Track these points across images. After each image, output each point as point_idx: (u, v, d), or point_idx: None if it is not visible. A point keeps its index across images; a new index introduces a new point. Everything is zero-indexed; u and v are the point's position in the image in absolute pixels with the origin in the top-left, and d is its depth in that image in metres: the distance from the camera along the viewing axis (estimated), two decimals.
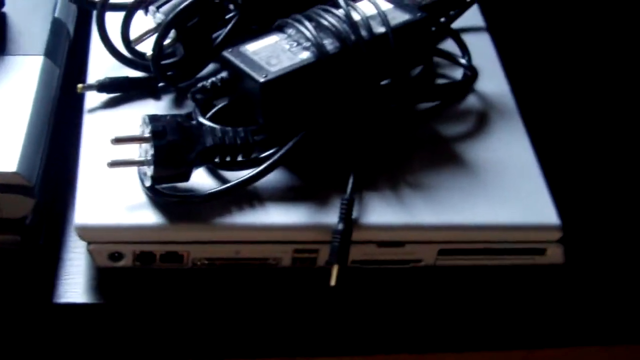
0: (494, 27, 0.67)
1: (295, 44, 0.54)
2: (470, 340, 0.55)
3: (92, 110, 0.56)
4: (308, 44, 0.53)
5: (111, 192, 0.51)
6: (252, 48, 0.54)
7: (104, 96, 0.57)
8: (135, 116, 0.52)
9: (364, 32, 0.53)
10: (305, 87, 0.53)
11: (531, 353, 0.56)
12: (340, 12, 0.54)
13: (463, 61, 0.62)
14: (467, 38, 0.63)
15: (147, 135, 0.50)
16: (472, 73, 0.61)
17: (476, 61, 0.62)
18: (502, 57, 0.64)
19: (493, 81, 0.62)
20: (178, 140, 0.50)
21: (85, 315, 0.52)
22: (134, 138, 0.51)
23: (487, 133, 0.59)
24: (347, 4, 0.54)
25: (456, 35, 0.63)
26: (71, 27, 0.62)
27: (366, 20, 0.54)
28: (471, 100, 0.61)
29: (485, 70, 0.62)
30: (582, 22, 0.75)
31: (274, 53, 0.53)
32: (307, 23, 0.54)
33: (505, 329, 0.55)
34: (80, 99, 0.57)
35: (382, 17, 0.54)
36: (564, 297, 0.56)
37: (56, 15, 0.60)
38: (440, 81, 0.62)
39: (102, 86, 0.56)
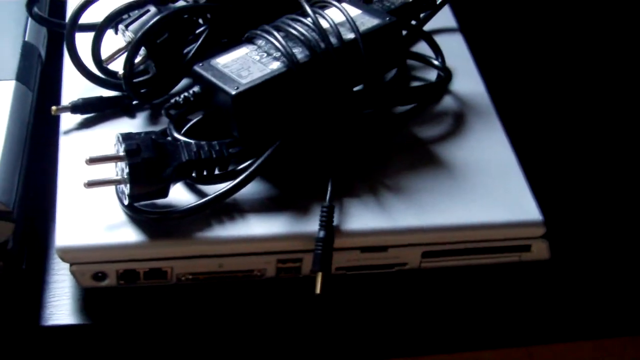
0: (466, 28, 0.67)
1: (265, 54, 0.53)
2: (461, 341, 0.55)
3: (67, 132, 0.56)
4: (278, 54, 0.53)
5: (91, 212, 0.51)
6: (222, 61, 0.54)
7: (80, 117, 0.57)
8: (111, 135, 0.52)
9: (333, 40, 0.53)
10: (278, 97, 0.52)
11: (530, 350, 0.56)
12: (308, 20, 0.54)
13: (437, 63, 0.61)
14: (440, 39, 0.63)
15: (121, 153, 0.50)
16: (446, 74, 0.61)
17: (450, 62, 0.61)
18: (476, 57, 0.64)
19: (468, 81, 0.62)
20: (153, 157, 0.50)
21: (73, 336, 0.52)
22: (108, 157, 0.51)
23: (465, 133, 0.59)
24: (315, 12, 0.54)
25: (428, 37, 0.63)
26: (42, 50, 0.62)
27: (335, 27, 0.54)
28: (447, 101, 0.61)
29: (460, 70, 0.62)
30: (554, 19, 0.75)
31: (244, 65, 0.53)
32: (276, 33, 0.53)
33: (497, 328, 0.55)
34: (55, 121, 0.57)
35: (351, 23, 0.54)
36: (554, 291, 0.56)
37: (26, 39, 0.60)
38: (415, 84, 0.62)
39: (76, 107, 0.56)
